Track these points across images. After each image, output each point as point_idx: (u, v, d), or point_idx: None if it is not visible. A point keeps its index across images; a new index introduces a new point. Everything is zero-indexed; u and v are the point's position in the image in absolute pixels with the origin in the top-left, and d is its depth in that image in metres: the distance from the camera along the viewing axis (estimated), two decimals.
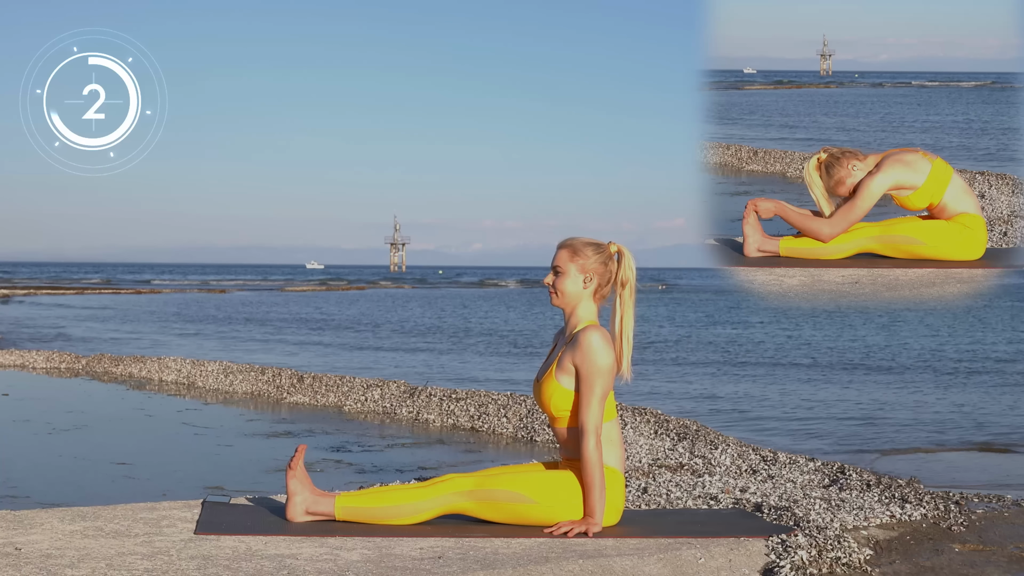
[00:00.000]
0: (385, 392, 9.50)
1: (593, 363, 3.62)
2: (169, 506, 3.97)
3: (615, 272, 3.76)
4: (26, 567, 3.05)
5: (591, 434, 3.60)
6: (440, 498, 3.66)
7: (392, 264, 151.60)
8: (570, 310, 3.76)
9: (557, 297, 3.75)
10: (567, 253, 3.75)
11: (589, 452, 3.60)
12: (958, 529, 4.07)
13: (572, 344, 3.68)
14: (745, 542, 3.54)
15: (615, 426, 3.73)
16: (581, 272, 3.73)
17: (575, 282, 3.73)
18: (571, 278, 3.73)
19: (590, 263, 3.73)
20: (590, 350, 3.63)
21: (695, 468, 5.51)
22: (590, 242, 3.77)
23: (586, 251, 3.74)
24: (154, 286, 57.99)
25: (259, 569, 3.09)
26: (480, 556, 3.28)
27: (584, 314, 3.74)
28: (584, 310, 3.75)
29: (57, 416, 8.41)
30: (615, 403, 3.77)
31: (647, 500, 4.40)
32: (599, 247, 3.76)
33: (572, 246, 3.76)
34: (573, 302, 3.75)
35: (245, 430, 7.96)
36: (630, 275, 3.76)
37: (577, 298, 3.74)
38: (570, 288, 3.73)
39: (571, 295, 3.74)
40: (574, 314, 3.75)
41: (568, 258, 3.74)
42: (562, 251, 3.76)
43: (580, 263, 3.73)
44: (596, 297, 3.76)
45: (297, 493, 3.69)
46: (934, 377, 13.64)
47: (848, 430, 8.93)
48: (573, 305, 3.75)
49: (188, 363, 12.01)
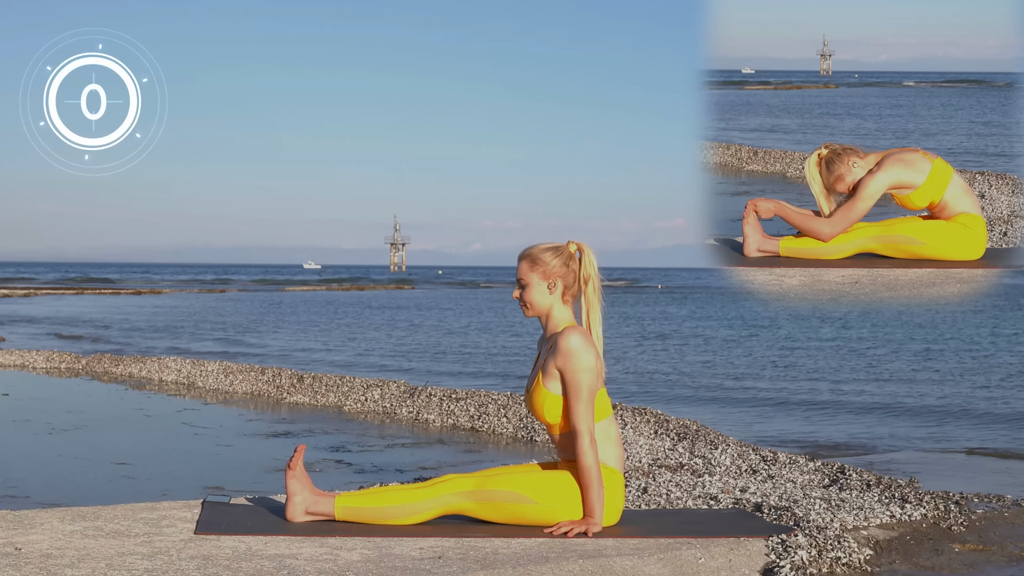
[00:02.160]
0: (385, 392, 9.50)
1: (575, 364, 3.63)
2: (169, 506, 3.97)
3: (578, 270, 3.78)
4: (26, 567, 3.05)
5: (584, 435, 3.61)
6: (440, 498, 3.66)
7: (392, 264, 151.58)
8: (544, 318, 3.77)
9: (528, 309, 3.78)
10: (526, 264, 3.76)
11: (584, 453, 3.60)
12: (958, 529, 4.07)
13: (553, 349, 3.69)
14: (745, 542, 3.54)
15: (612, 424, 3.73)
16: (544, 279, 3.74)
17: (540, 291, 3.75)
18: (536, 288, 3.75)
19: (551, 268, 3.74)
20: (570, 352, 3.64)
21: (695, 468, 5.51)
22: (547, 247, 3.78)
23: (544, 257, 3.75)
24: (154, 286, 57.98)
25: (259, 569, 3.09)
26: (480, 556, 3.28)
27: (559, 317, 3.76)
28: (558, 314, 3.76)
29: (57, 416, 8.41)
30: (609, 400, 3.78)
31: (647, 500, 4.40)
32: (557, 249, 3.77)
33: (530, 256, 3.77)
34: (544, 310, 3.76)
35: (245, 430, 7.96)
36: (592, 271, 3.77)
37: (547, 305, 3.76)
38: (537, 298, 3.75)
39: (539, 304, 3.75)
40: (550, 320, 3.77)
41: (528, 269, 3.76)
42: (522, 263, 3.77)
43: (540, 270, 3.74)
44: (565, 298, 3.77)
45: (297, 493, 3.69)
46: (934, 377, 13.64)
47: (848, 430, 8.93)
48: (545, 312, 3.76)
49: (188, 363, 12.00)
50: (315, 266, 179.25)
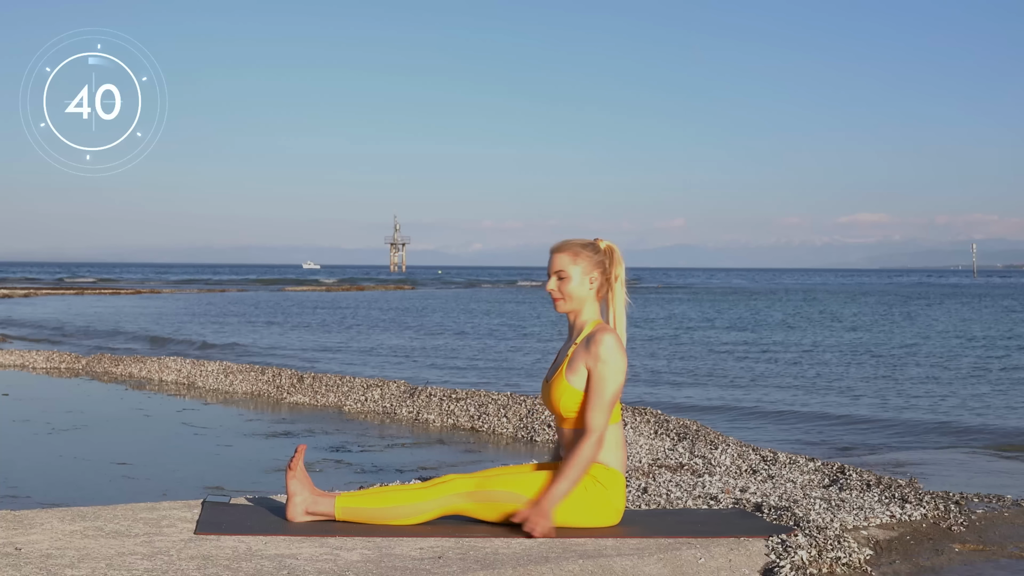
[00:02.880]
0: (385, 392, 9.50)
1: (608, 367, 3.62)
2: (169, 506, 3.97)
3: (609, 268, 3.77)
4: (26, 567, 3.05)
5: (595, 433, 3.60)
6: (441, 499, 3.65)
7: (392, 264, 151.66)
8: (576, 313, 3.76)
9: (564, 302, 3.75)
10: (568, 256, 3.74)
11: (586, 449, 3.59)
12: (958, 529, 4.07)
13: (585, 345, 3.67)
14: (745, 542, 3.55)
15: (619, 428, 3.73)
16: (585, 274, 3.73)
17: (581, 285, 3.73)
18: (577, 281, 3.73)
19: (591, 261, 3.74)
20: (607, 354, 3.62)
21: (695, 468, 5.51)
22: (585, 242, 3.77)
23: (585, 252, 3.75)
24: (154, 286, 57.98)
25: (259, 569, 3.09)
26: (480, 556, 3.28)
27: (590, 315, 3.75)
28: (589, 311, 3.76)
29: (57, 416, 8.40)
30: (620, 405, 3.77)
31: (647, 500, 4.40)
32: (593, 246, 3.77)
33: (571, 249, 3.75)
34: (579, 305, 3.75)
35: (245, 430, 7.95)
36: (620, 271, 3.78)
37: (583, 300, 3.75)
38: (577, 291, 3.73)
39: (578, 298, 3.74)
40: (580, 315, 3.76)
41: (570, 261, 3.73)
42: (561, 255, 3.75)
43: (582, 265, 3.73)
44: (598, 296, 3.77)
45: (297, 493, 3.69)
46: (933, 376, 13.64)
47: (848, 429, 8.93)
48: (580, 307, 3.75)
49: (188, 363, 12.00)
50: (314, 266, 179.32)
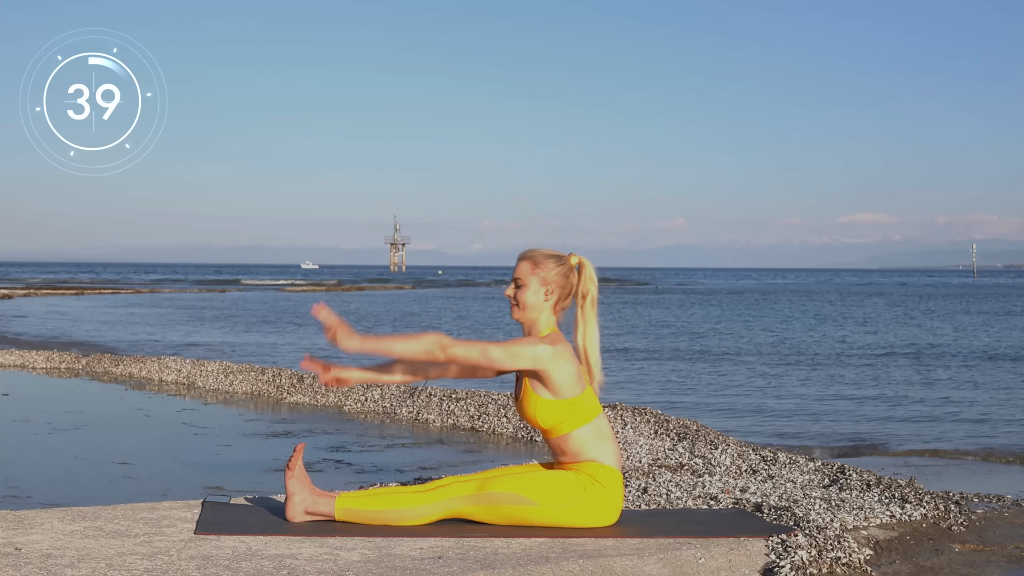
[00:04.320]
0: (385, 392, 9.50)
1: (531, 340, 3.64)
2: (169, 506, 3.97)
3: (576, 284, 3.76)
4: (26, 567, 3.05)
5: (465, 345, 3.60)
6: (441, 503, 3.65)
7: (392, 264, 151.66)
8: (529, 323, 3.76)
9: (518, 310, 3.76)
10: (528, 265, 3.75)
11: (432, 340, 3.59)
12: (958, 529, 4.07)
13: None
14: (745, 542, 3.55)
15: (603, 420, 3.73)
16: (543, 284, 3.73)
17: (536, 294, 3.73)
18: (532, 290, 3.73)
19: (551, 275, 3.73)
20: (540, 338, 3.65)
21: (695, 468, 5.51)
22: (551, 254, 3.77)
23: (547, 263, 3.74)
24: (154, 286, 57.99)
25: (259, 569, 3.09)
26: (480, 556, 3.28)
27: (544, 325, 3.75)
28: (545, 321, 3.75)
29: (57, 416, 8.40)
30: (596, 398, 3.76)
31: (647, 500, 4.40)
32: (560, 259, 3.76)
33: (533, 258, 3.76)
34: (533, 315, 3.75)
35: (245, 430, 7.95)
36: (591, 287, 3.76)
37: (537, 310, 3.74)
38: (531, 300, 3.73)
39: (532, 307, 3.74)
40: (534, 327, 3.76)
41: (529, 270, 3.74)
42: (523, 263, 3.76)
43: (541, 275, 3.73)
44: (556, 309, 3.76)
45: (296, 493, 3.69)
46: (935, 376, 13.64)
47: (848, 430, 8.93)
48: (533, 318, 3.75)
49: (188, 363, 12.00)
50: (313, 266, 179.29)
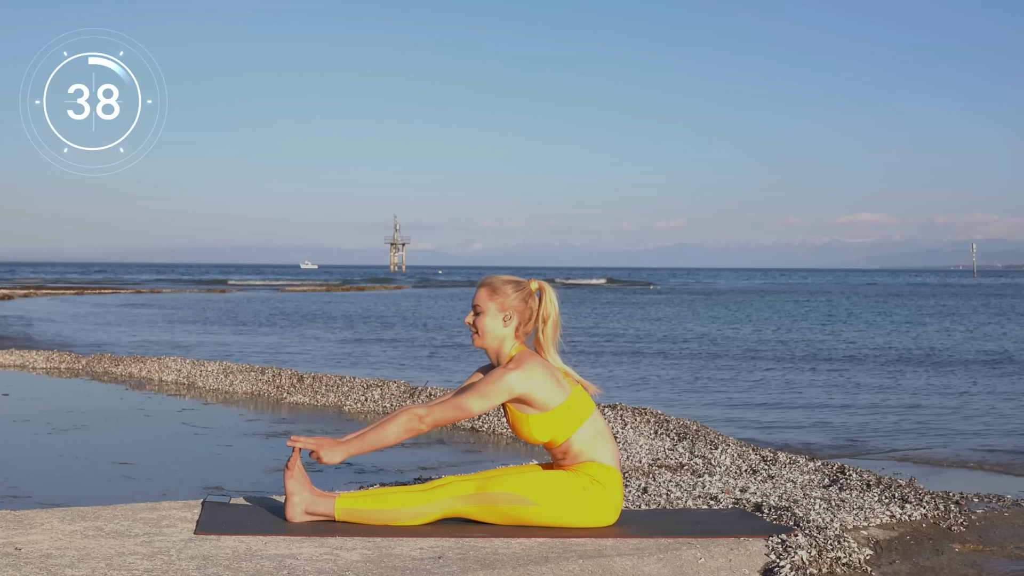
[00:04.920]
0: (385, 392, 9.50)
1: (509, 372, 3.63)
2: (169, 506, 3.97)
3: (536, 309, 3.77)
4: (26, 567, 3.05)
5: (441, 408, 3.63)
6: (441, 502, 3.65)
7: (392, 264, 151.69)
8: (493, 351, 3.77)
9: (478, 337, 3.77)
10: (486, 292, 3.76)
11: (410, 418, 3.61)
12: (958, 529, 4.07)
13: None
14: (745, 542, 3.55)
15: (598, 418, 3.74)
16: (501, 311, 3.74)
17: (494, 320, 3.74)
18: (490, 316, 3.75)
19: (509, 301, 3.74)
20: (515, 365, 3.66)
21: (695, 468, 5.51)
22: (509, 279, 3.78)
23: (505, 289, 3.75)
24: (154, 286, 57.99)
25: (259, 569, 3.09)
26: (480, 556, 3.28)
27: (508, 349, 3.76)
28: (508, 348, 3.76)
29: (57, 416, 8.40)
30: (588, 395, 3.78)
31: (647, 500, 4.40)
32: (519, 284, 3.77)
33: (490, 284, 3.77)
34: (494, 343, 3.76)
35: (245, 430, 7.95)
36: (552, 311, 3.77)
37: (498, 338, 3.75)
38: (490, 326, 3.75)
39: (491, 334, 3.75)
40: (499, 353, 3.77)
41: (487, 296, 3.76)
42: (481, 290, 3.77)
43: (499, 301, 3.74)
44: (518, 335, 3.77)
45: (295, 493, 3.69)
46: (934, 376, 13.64)
47: (848, 430, 8.93)
48: (495, 346, 3.76)
49: (188, 363, 12.00)
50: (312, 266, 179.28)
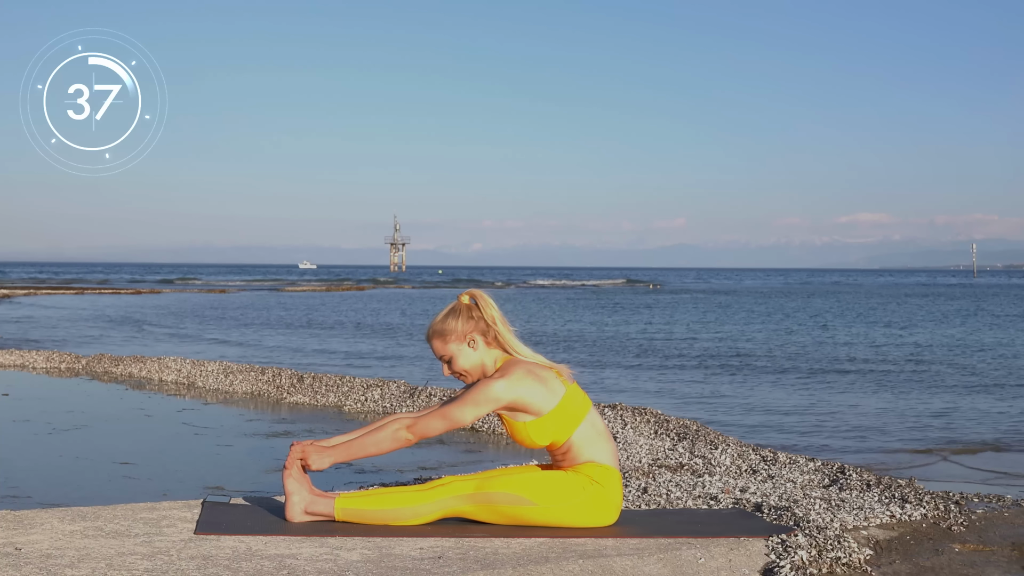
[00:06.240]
0: (385, 392, 9.50)
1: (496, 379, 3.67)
2: (169, 506, 3.97)
3: (481, 315, 3.79)
4: (26, 567, 3.05)
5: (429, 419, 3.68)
6: (440, 502, 3.66)
7: (392, 264, 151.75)
8: (483, 370, 3.80)
9: (467, 376, 3.80)
10: (439, 341, 3.79)
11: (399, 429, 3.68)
12: (958, 529, 4.07)
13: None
14: (745, 542, 3.55)
15: (595, 415, 3.75)
16: (461, 342, 3.77)
17: (466, 355, 3.78)
18: (460, 355, 3.78)
19: (460, 329, 3.77)
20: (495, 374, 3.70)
21: (695, 468, 5.51)
22: (445, 315, 3.81)
23: (448, 325, 3.78)
24: (154, 286, 58.00)
25: (259, 569, 3.09)
26: (480, 556, 3.28)
27: (494, 360, 3.80)
28: (491, 359, 3.79)
29: (57, 416, 8.40)
30: (584, 393, 3.80)
31: (647, 500, 4.40)
32: (454, 311, 3.80)
33: (437, 332, 3.79)
34: (479, 369, 3.79)
35: (245, 430, 7.95)
36: (492, 311, 3.80)
37: (479, 364, 3.78)
38: (467, 363, 3.78)
39: (472, 366, 3.78)
40: (487, 369, 3.80)
41: (443, 344, 3.78)
42: (434, 343, 3.79)
43: (453, 337, 3.77)
44: (489, 344, 3.80)
45: (295, 493, 3.69)
46: (934, 376, 13.65)
47: (848, 430, 8.93)
48: (482, 370, 3.79)
49: (188, 363, 12.00)
50: (311, 266, 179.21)
